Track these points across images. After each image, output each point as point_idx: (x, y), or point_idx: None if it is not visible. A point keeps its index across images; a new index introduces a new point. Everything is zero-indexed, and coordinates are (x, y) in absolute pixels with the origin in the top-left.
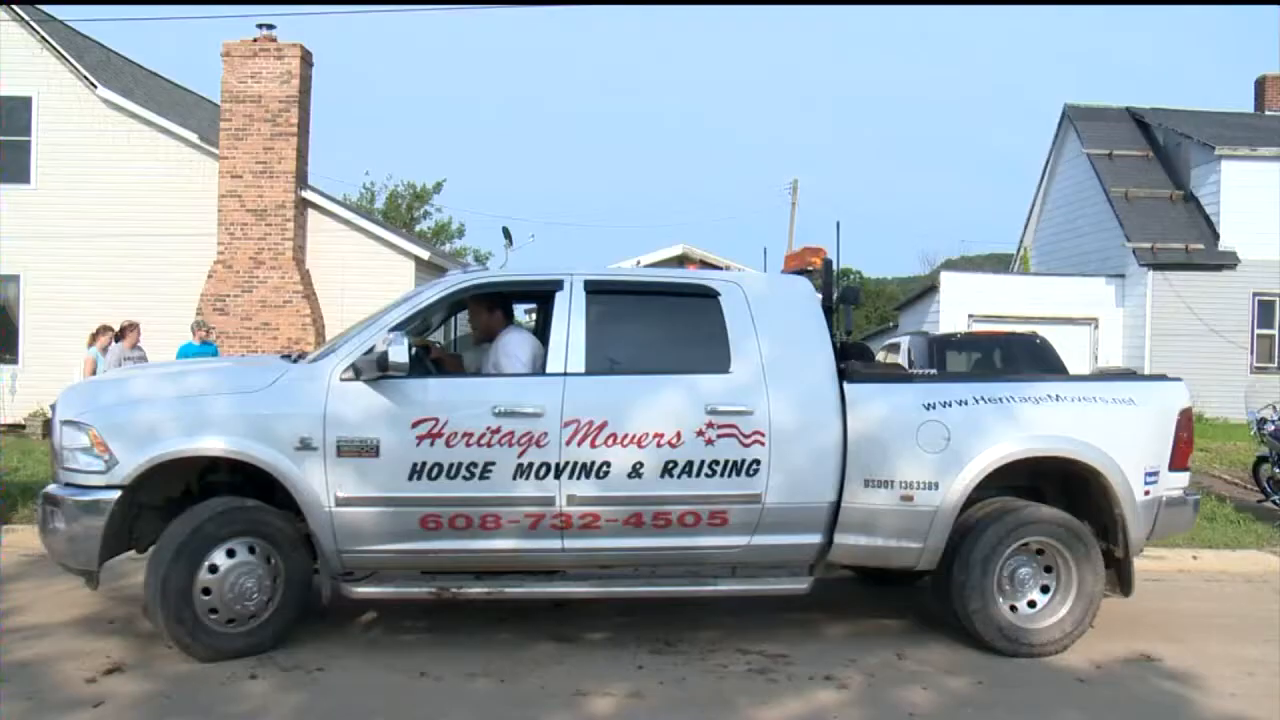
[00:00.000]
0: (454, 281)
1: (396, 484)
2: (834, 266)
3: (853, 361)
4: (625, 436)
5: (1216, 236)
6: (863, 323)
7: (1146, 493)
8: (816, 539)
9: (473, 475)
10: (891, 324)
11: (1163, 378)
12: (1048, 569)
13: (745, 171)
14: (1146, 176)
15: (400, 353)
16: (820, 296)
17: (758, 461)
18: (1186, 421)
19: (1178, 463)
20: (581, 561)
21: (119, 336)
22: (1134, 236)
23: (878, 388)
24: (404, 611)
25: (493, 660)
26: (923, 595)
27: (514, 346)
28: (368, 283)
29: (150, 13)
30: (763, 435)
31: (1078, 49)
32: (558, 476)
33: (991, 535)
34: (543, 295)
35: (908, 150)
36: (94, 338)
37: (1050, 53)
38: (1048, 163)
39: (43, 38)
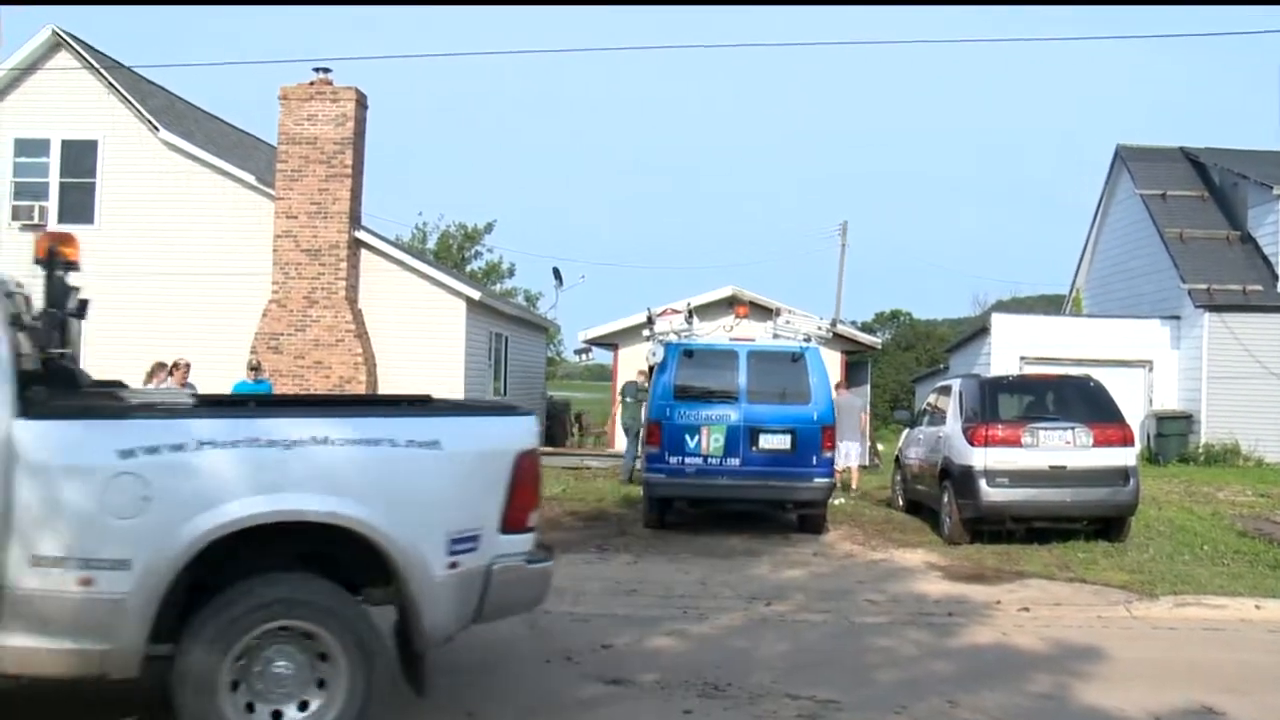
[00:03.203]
0: None
1: None
2: (56, 262)
3: (38, 389)
4: None
5: (1276, 278)
6: (913, 365)
7: (453, 565)
8: None
9: None
10: (942, 366)
11: (495, 411)
12: (324, 658)
13: (795, 213)
14: (1202, 217)
15: None
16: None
17: None
18: (529, 467)
19: (514, 522)
20: None
21: (173, 374)
22: (1189, 278)
23: (61, 426)
24: (452, 649)
25: (541, 701)
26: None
27: None
28: (420, 322)
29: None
30: None
31: (1131, 89)
32: None
33: (212, 628)
34: None
35: (959, 191)
36: (150, 375)
37: (1103, 93)
38: (1100, 204)
39: (110, 83)
